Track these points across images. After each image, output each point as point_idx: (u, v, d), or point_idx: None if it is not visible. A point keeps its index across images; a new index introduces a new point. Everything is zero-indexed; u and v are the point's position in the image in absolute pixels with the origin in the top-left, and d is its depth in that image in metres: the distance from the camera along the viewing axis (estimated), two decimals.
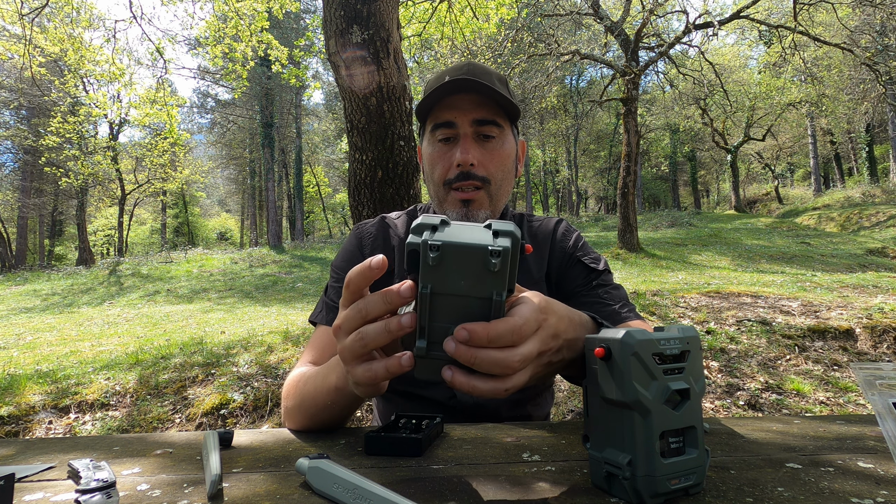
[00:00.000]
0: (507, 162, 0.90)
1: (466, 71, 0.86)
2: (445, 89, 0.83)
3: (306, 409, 0.69)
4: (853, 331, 3.63)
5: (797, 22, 9.76)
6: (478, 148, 0.87)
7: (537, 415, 0.95)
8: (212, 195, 41.52)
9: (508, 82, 0.93)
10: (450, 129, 0.87)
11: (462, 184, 0.86)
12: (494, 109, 0.86)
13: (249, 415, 2.82)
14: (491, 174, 0.87)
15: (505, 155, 0.89)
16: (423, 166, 0.95)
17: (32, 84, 12.19)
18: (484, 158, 0.87)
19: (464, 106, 0.86)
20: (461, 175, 0.86)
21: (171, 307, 8.67)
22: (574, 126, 26.58)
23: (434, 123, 0.88)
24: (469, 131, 0.86)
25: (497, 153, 0.88)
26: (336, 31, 2.39)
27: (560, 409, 2.92)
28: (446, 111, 0.87)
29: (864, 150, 23.05)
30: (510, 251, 0.42)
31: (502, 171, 0.89)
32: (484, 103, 0.86)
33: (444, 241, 0.42)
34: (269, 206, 21.47)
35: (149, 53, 7.11)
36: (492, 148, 0.88)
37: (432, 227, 0.44)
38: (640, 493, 0.41)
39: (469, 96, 0.86)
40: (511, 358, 0.44)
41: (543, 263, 0.96)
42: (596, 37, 16.57)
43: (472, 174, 0.86)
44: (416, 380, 0.88)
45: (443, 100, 0.87)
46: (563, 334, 0.52)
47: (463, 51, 7.43)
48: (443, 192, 0.89)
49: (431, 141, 0.90)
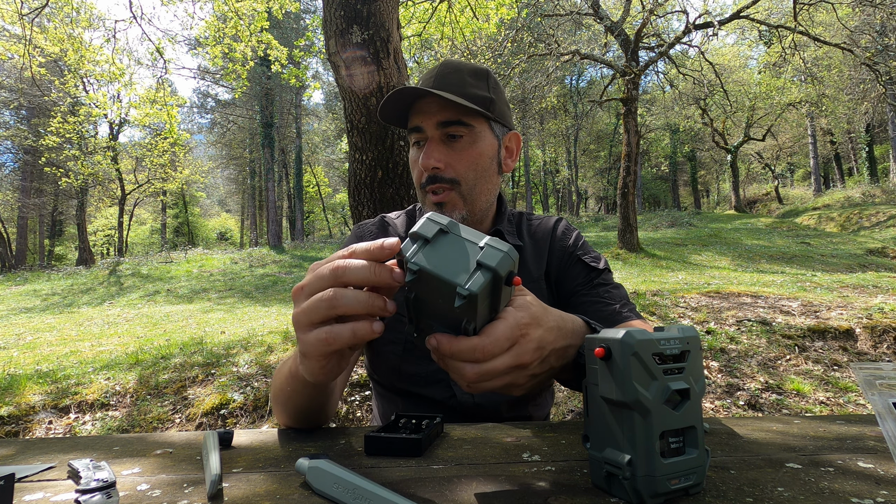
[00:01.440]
0: (480, 160, 0.88)
1: (434, 75, 0.87)
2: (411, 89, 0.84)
3: (276, 399, 0.71)
4: (853, 331, 3.63)
5: (797, 22, 9.77)
6: (443, 150, 0.86)
7: (538, 415, 0.95)
8: (212, 195, 41.52)
9: (489, 75, 0.91)
10: (419, 134, 0.88)
11: (432, 187, 0.87)
12: (462, 109, 0.85)
13: (249, 415, 2.82)
14: (460, 174, 0.87)
15: (476, 153, 0.87)
16: None
17: (32, 84, 12.20)
18: (451, 159, 0.86)
19: (429, 109, 0.86)
20: (430, 178, 0.86)
21: (171, 307, 8.67)
22: (574, 126, 26.58)
23: (409, 129, 0.90)
24: (436, 134, 0.86)
25: (465, 153, 0.87)
26: (336, 31, 2.39)
27: (560, 409, 2.92)
28: (414, 116, 0.88)
29: (864, 150, 23.06)
30: (477, 296, 0.42)
31: (474, 170, 0.87)
32: (449, 104, 0.85)
33: (421, 266, 0.43)
34: (269, 206, 21.48)
35: (149, 53, 7.11)
36: (460, 148, 0.87)
37: (425, 240, 0.45)
38: (640, 493, 0.41)
39: (435, 99, 0.85)
40: (473, 370, 0.47)
41: (543, 262, 0.96)
42: (596, 37, 16.57)
43: (438, 177, 0.86)
44: (416, 379, 0.88)
45: (413, 105, 0.88)
46: (548, 345, 0.53)
47: (463, 51, 7.43)
48: (421, 195, 0.91)
49: (412, 146, 0.92)
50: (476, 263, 0.43)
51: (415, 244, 0.45)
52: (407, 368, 0.88)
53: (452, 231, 0.46)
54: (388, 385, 0.92)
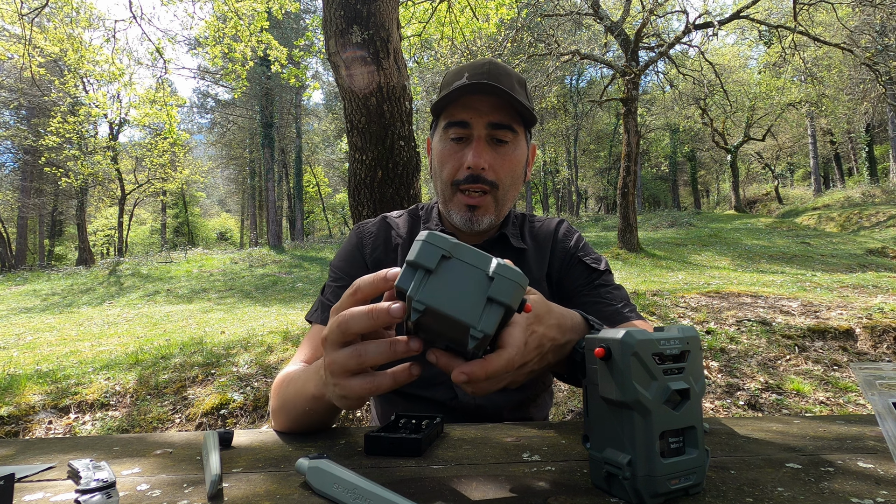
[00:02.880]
0: (518, 168, 0.89)
1: (487, 71, 0.84)
2: (466, 90, 0.82)
3: (287, 411, 0.69)
4: (853, 331, 3.63)
5: (797, 22, 9.76)
6: (490, 152, 0.85)
7: (538, 416, 0.95)
8: (212, 195, 41.50)
9: (527, 84, 0.92)
10: (464, 129, 0.85)
11: (470, 186, 0.85)
12: (511, 114, 0.85)
13: (249, 415, 2.82)
14: (500, 179, 0.86)
15: (516, 161, 0.88)
16: (431, 161, 0.94)
17: (32, 84, 12.20)
18: (495, 163, 0.86)
19: (480, 107, 0.84)
20: (470, 177, 0.85)
21: (170, 307, 8.67)
22: (574, 126, 26.57)
23: (448, 121, 0.86)
24: (483, 133, 0.85)
25: (508, 158, 0.87)
26: (336, 31, 2.39)
27: (560, 409, 2.92)
28: (462, 110, 0.85)
29: (864, 150, 23.04)
30: (489, 337, 0.41)
31: (511, 176, 0.88)
32: (501, 106, 0.84)
33: (427, 304, 0.41)
34: (269, 206, 21.47)
35: (149, 53, 7.09)
36: (504, 153, 0.86)
37: (426, 271, 0.42)
38: (640, 493, 0.41)
39: (487, 98, 0.84)
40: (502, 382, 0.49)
41: (544, 264, 0.96)
42: (596, 37, 16.56)
43: (481, 178, 0.85)
44: (418, 381, 0.87)
45: (459, 98, 0.85)
46: (548, 343, 0.54)
47: (463, 51, 7.42)
48: (449, 192, 0.88)
49: (443, 138, 0.88)
50: (487, 299, 0.41)
51: (415, 274, 0.42)
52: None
53: (455, 255, 0.42)
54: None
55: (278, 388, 0.75)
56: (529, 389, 0.92)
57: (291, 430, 0.70)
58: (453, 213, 0.88)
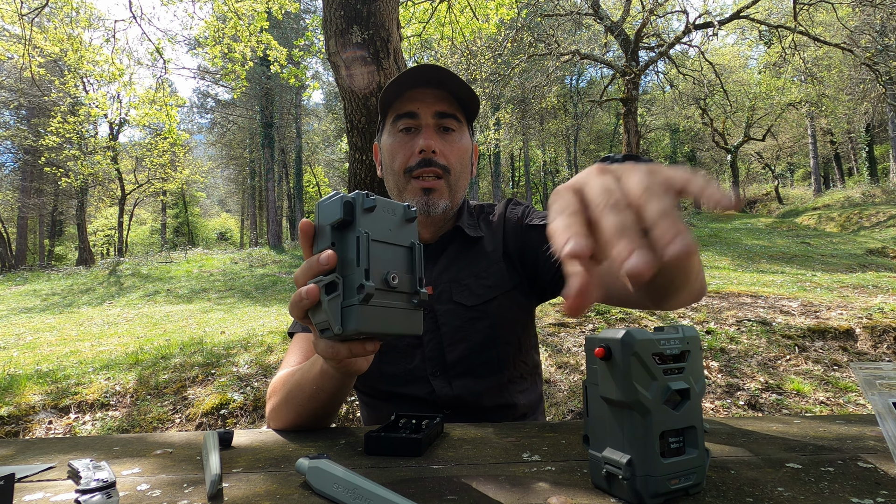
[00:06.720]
0: (465, 156, 0.94)
1: (426, 66, 0.90)
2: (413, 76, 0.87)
3: (293, 398, 0.71)
4: (853, 331, 3.63)
5: (797, 22, 9.76)
6: (439, 139, 0.90)
7: (524, 402, 0.92)
8: (212, 195, 41.49)
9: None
10: (412, 120, 0.90)
11: (423, 171, 0.88)
12: (455, 105, 0.92)
13: (249, 415, 2.82)
14: (451, 164, 0.91)
15: (463, 149, 0.93)
16: (381, 160, 0.97)
17: (32, 84, 12.19)
18: (444, 149, 0.90)
19: (426, 99, 0.90)
20: (423, 162, 0.88)
21: (170, 307, 8.67)
22: (574, 126, 26.55)
23: (397, 114, 0.92)
24: (431, 122, 0.90)
25: (457, 146, 0.92)
26: (336, 31, 2.39)
27: (560, 409, 2.92)
28: (409, 103, 0.91)
29: (864, 150, 23.04)
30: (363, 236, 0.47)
31: (461, 163, 0.93)
32: (445, 98, 0.91)
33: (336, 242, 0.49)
34: (269, 206, 21.46)
35: (148, 53, 7.08)
36: (451, 140, 0.92)
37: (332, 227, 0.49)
38: (639, 493, 0.41)
39: (431, 90, 0.90)
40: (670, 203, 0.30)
41: (499, 244, 0.97)
42: (596, 37, 16.55)
43: (433, 161, 0.89)
44: (395, 379, 0.89)
45: (405, 93, 0.91)
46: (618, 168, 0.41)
47: (463, 51, 7.43)
48: (403, 181, 0.91)
49: (392, 132, 0.93)
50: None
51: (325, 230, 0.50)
52: (387, 369, 0.89)
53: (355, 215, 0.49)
54: (370, 390, 0.93)
55: (280, 383, 0.76)
56: (506, 372, 0.90)
57: (296, 424, 0.72)
58: (408, 201, 0.91)
